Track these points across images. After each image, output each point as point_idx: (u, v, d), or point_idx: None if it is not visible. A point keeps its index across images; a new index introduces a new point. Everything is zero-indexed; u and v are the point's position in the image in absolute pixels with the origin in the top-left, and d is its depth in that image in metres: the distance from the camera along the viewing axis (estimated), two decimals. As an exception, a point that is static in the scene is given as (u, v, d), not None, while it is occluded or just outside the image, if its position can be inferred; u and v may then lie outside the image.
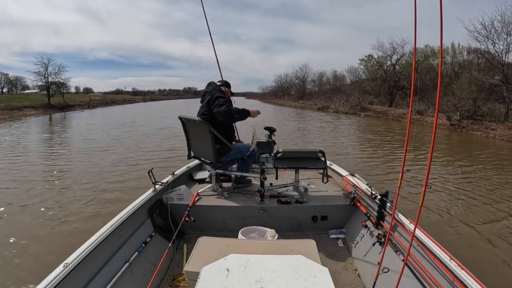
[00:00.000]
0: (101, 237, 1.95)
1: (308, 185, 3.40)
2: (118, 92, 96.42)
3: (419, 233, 1.96)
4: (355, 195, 2.96)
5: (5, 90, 52.59)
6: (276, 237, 2.31)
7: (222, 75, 3.21)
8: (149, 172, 2.77)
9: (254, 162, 3.63)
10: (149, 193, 2.76)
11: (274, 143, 4.00)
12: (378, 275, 1.93)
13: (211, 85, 3.20)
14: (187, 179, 3.64)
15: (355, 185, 3.05)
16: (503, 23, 17.11)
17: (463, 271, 1.60)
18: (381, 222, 2.43)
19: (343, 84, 44.20)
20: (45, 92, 32.60)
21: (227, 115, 2.89)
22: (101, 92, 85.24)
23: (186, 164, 3.79)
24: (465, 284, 1.54)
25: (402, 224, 2.19)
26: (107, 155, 8.95)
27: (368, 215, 2.65)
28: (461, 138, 14.23)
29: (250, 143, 3.39)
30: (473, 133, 15.20)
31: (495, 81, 18.15)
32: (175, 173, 3.31)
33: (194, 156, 3.35)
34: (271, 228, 2.39)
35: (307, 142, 12.16)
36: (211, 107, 2.94)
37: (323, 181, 3.23)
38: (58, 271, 1.59)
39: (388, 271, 1.91)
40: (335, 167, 3.76)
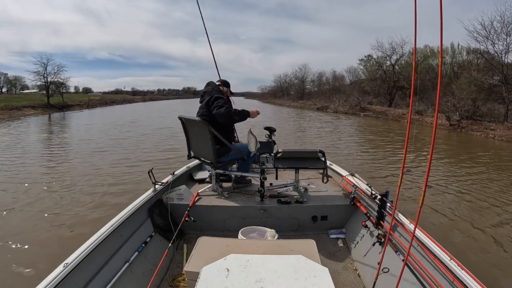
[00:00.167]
0: (101, 237, 1.95)
1: (308, 185, 3.40)
2: (117, 92, 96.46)
3: (419, 233, 1.96)
4: (355, 195, 2.96)
5: (4, 90, 52.66)
6: (276, 237, 2.31)
7: (221, 75, 3.21)
8: (149, 172, 2.77)
9: (254, 162, 3.64)
10: (149, 193, 2.76)
11: (274, 143, 3.99)
12: (378, 275, 1.93)
13: (210, 85, 3.20)
14: (187, 179, 3.64)
15: (355, 185, 3.05)
16: (502, 23, 17.13)
17: (463, 271, 1.60)
18: (381, 222, 2.43)
19: (342, 84, 44.25)
20: (44, 92, 32.59)
21: (227, 116, 2.89)
22: (100, 92, 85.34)
23: (186, 164, 3.78)
24: (465, 284, 1.54)
25: (402, 224, 2.19)
26: (106, 155, 8.90)
27: (368, 215, 2.65)
28: (460, 138, 14.24)
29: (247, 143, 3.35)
30: (473, 133, 15.21)
31: (494, 81, 18.15)
32: (175, 173, 3.31)
33: (194, 156, 3.35)
34: (271, 228, 2.39)
35: (307, 142, 12.17)
36: (210, 108, 2.93)
37: (323, 181, 3.23)
38: (58, 271, 1.59)
39: (388, 271, 1.91)
40: (335, 167, 3.76)
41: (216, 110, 2.87)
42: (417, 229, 1.81)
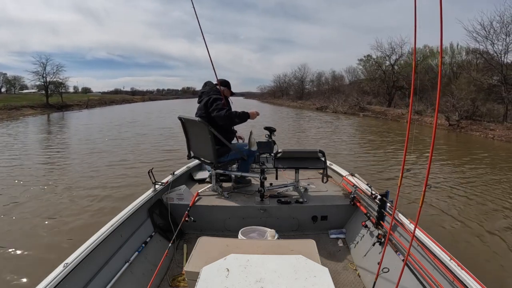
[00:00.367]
0: (101, 237, 1.95)
1: (308, 185, 3.40)
2: (116, 92, 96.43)
3: (419, 233, 1.96)
4: (355, 195, 2.96)
5: (3, 90, 52.56)
6: (276, 237, 2.31)
7: (221, 75, 3.13)
8: (149, 172, 2.77)
9: (254, 162, 3.63)
10: (149, 193, 2.76)
11: (274, 143, 3.99)
12: (378, 275, 1.93)
13: (208, 85, 3.17)
14: (187, 179, 3.64)
15: (355, 185, 3.05)
16: (502, 23, 17.13)
17: (463, 271, 1.60)
18: (381, 222, 2.43)
19: (341, 84, 44.20)
20: (43, 92, 32.53)
21: (227, 119, 2.89)
22: (99, 92, 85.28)
23: (186, 164, 3.78)
24: (465, 284, 1.54)
25: (402, 224, 2.19)
26: (104, 156, 8.80)
27: (368, 215, 2.65)
28: (460, 138, 14.25)
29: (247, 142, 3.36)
30: (472, 133, 15.22)
31: (494, 81, 18.17)
32: (175, 173, 3.31)
33: (194, 156, 3.35)
34: (271, 228, 2.39)
35: (307, 142, 12.16)
36: (208, 109, 2.91)
37: (323, 181, 3.23)
38: (58, 271, 1.59)
39: (388, 271, 1.91)
40: (335, 167, 3.77)
41: (216, 113, 2.86)
42: (417, 229, 1.81)
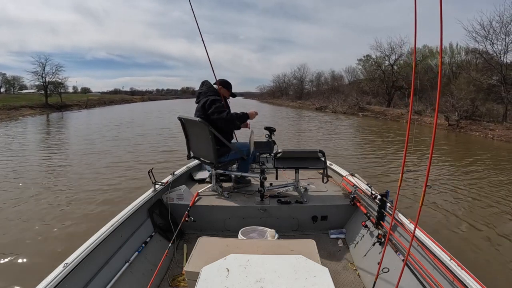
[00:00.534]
0: (101, 237, 1.95)
1: (308, 185, 3.40)
2: (116, 92, 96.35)
3: (419, 233, 1.97)
4: (355, 195, 2.97)
5: (2, 90, 52.41)
6: (276, 237, 2.31)
7: (220, 75, 3.12)
8: (149, 172, 2.77)
9: (254, 162, 3.63)
10: (149, 193, 2.76)
11: (274, 143, 4.00)
12: (378, 275, 1.93)
13: (205, 85, 3.13)
14: (187, 179, 3.64)
15: (355, 185, 3.05)
16: (501, 23, 17.13)
17: (463, 271, 1.60)
18: (381, 222, 2.43)
19: (341, 84, 44.16)
20: (42, 92, 32.45)
21: (229, 122, 2.90)
22: (99, 92, 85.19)
23: (186, 164, 3.78)
24: (465, 284, 1.55)
25: (402, 224, 2.19)
26: (103, 157, 8.70)
27: (368, 215, 2.65)
28: (459, 138, 14.26)
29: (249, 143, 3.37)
30: (472, 133, 15.24)
31: (493, 81, 18.19)
32: (175, 173, 3.31)
33: (194, 156, 3.35)
34: (271, 228, 2.39)
35: (307, 142, 12.16)
36: (207, 112, 2.89)
37: (323, 181, 3.23)
38: (58, 271, 1.58)
39: (388, 271, 1.91)
40: (335, 167, 3.77)
41: (217, 116, 2.85)
42: (417, 229, 1.81)
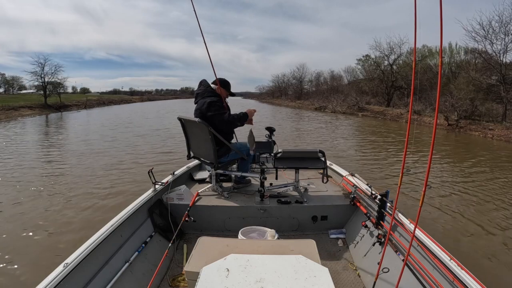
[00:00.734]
0: (101, 237, 1.95)
1: (308, 185, 3.40)
2: (115, 92, 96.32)
3: (419, 233, 1.97)
4: (355, 195, 2.97)
5: (1, 90, 52.31)
6: (276, 237, 2.31)
7: (219, 75, 3.06)
8: (149, 172, 2.77)
9: (254, 162, 3.62)
10: (149, 193, 2.76)
11: (274, 143, 3.99)
12: (378, 275, 1.93)
13: (203, 85, 3.10)
14: (187, 179, 3.63)
15: (355, 185, 3.05)
16: (500, 23, 17.14)
17: (463, 271, 1.60)
18: (381, 222, 2.43)
19: (340, 84, 44.14)
20: (41, 92, 32.36)
21: (229, 124, 2.92)
22: (98, 92, 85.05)
23: (186, 164, 3.78)
24: (465, 284, 1.55)
25: (402, 224, 2.20)
26: (101, 158, 8.60)
27: (368, 215, 2.65)
28: (459, 138, 14.27)
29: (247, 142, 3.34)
30: (471, 133, 15.26)
31: (492, 81, 18.19)
32: (175, 173, 3.31)
33: (194, 156, 3.35)
34: (271, 228, 2.39)
35: (307, 142, 12.15)
36: (206, 114, 2.87)
37: (323, 181, 3.23)
38: (58, 271, 1.58)
39: (388, 271, 1.91)
40: (335, 167, 3.77)
41: (218, 118, 2.86)
42: (417, 229, 1.81)
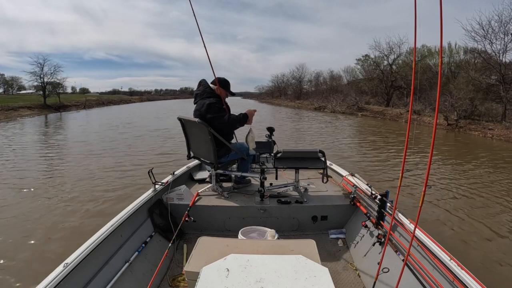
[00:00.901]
0: (101, 237, 1.95)
1: (308, 185, 3.39)
2: (114, 92, 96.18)
3: (419, 233, 1.97)
4: (355, 195, 2.97)
5: (1, 91, 52.21)
6: (276, 237, 2.31)
7: (219, 75, 3.05)
8: (149, 172, 2.77)
9: (254, 162, 3.62)
10: (149, 193, 2.76)
11: (274, 143, 3.99)
12: (378, 275, 1.93)
13: (202, 85, 3.09)
14: (187, 179, 3.63)
15: (355, 185, 3.05)
16: (500, 22, 17.14)
17: (463, 271, 1.60)
18: (381, 222, 2.43)
19: (339, 84, 44.12)
20: (41, 93, 32.30)
21: (229, 126, 2.92)
22: (97, 92, 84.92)
23: (186, 164, 3.78)
24: (465, 284, 1.55)
25: (402, 224, 2.20)
26: (100, 159, 8.52)
27: (368, 215, 2.65)
28: (458, 138, 14.28)
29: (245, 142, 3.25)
30: (471, 133, 15.27)
31: (492, 81, 18.20)
32: (175, 173, 3.31)
33: (194, 156, 3.34)
34: (271, 228, 2.39)
35: (307, 142, 12.15)
36: (205, 116, 2.87)
37: (323, 181, 3.23)
38: (58, 271, 1.58)
39: (388, 271, 1.91)
40: (335, 167, 3.77)
41: (218, 121, 2.85)
42: (417, 229, 1.81)
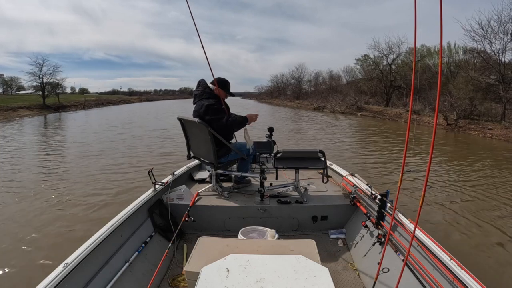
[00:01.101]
0: (101, 237, 1.95)
1: (308, 185, 3.39)
2: (114, 92, 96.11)
3: (419, 233, 1.97)
4: (355, 195, 2.97)
5: (0, 91, 52.15)
6: (276, 237, 2.31)
7: (218, 75, 3.08)
8: (149, 172, 2.77)
9: (254, 162, 3.62)
10: (149, 193, 2.76)
11: (274, 143, 3.99)
12: (378, 275, 1.93)
13: (201, 85, 3.08)
14: (187, 179, 3.63)
15: (355, 185, 3.05)
16: (499, 22, 17.17)
17: (463, 271, 1.60)
18: (381, 222, 2.43)
19: (339, 84, 44.14)
20: (40, 93, 32.23)
21: (227, 129, 2.92)
22: (96, 93, 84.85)
23: (186, 164, 3.78)
24: (465, 284, 1.55)
25: (402, 224, 2.20)
26: (98, 160, 8.44)
27: (368, 215, 2.65)
28: (458, 138, 14.30)
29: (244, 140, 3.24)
30: (470, 132, 15.29)
31: (491, 80, 18.22)
32: (175, 173, 3.31)
33: (194, 156, 3.34)
34: (271, 228, 2.39)
35: (307, 142, 12.16)
36: (204, 117, 2.86)
37: (323, 181, 3.23)
38: (58, 271, 1.58)
39: (388, 271, 1.91)
40: (335, 167, 3.77)
41: (216, 123, 2.84)
42: (417, 229, 1.81)
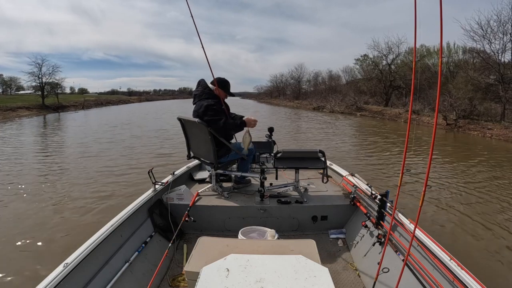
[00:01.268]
0: (101, 237, 1.95)
1: (308, 185, 3.39)
2: (113, 92, 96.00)
3: (419, 233, 1.97)
4: (355, 195, 2.97)
5: (-1, 91, 52.10)
6: (276, 237, 2.31)
7: (217, 75, 3.07)
8: (149, 172, 2.77)
9: (254, 162, 3.61)
10: (149, 193, 2.75)
11: (274, 143, 3.99)
12: (378, 275, 1.93)
13: (201, 85, 3.07)
14: (187, 179, 3.63)
15: (355, 185, 3.05)
16: (499, 22, 17.19)
17: (463, 271, 1.60)
18: (381, 222, 2.43)
19: (338, 84, 44.14)
20: (39, 93, 32.17)
21: (223, 131, 2.90)
22: (96, 93, 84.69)
23: (186, 164, 3.78)
24: (465, 284, 1.55)
25: (402, 224, 2.20)
26: (97, 160, 8.39)
27: (368, 215, 2.65)
28: (458, 137, 14.32)
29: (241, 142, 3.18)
30: (470, 132, 15.30)
31: (491, 80, 18.24)
32: (175, 173, 3.30)
33: (194, 156, 3.34)
34: (271, 228, 2.38)
35: (307, 142, 12.15)
36: (203, 118, 2.85)
37: (323, 181, 3.23)
38: (58, 271, 1.58)
39: (388, 271, 1.91)
40: (335, 167, 3.77)
41: (213, 125, 2.82)
42: (417, 229, 1.81)
